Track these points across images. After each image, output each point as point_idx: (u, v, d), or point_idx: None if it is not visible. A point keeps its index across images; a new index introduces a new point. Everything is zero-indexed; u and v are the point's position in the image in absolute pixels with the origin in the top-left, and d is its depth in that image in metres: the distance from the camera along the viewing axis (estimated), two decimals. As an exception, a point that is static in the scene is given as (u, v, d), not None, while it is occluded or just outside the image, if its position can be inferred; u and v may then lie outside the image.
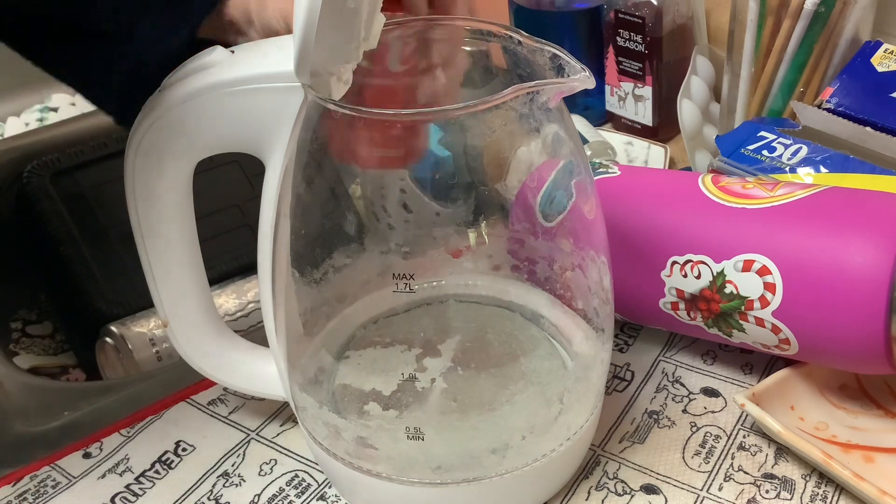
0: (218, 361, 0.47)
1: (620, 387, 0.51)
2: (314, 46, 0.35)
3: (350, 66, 0.39)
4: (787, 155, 0.57)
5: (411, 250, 0.45)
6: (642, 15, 0.72)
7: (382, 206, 0.46)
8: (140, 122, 0.41)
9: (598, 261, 0.43)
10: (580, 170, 0.42)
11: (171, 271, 0.44)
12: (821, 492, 0.44)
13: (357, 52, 0.38)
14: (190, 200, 0.43)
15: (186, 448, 0.49)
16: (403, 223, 0.47)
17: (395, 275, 0.40)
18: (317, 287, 0.45)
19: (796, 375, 0.48)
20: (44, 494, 0.47)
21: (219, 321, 0.47)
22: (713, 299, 0.47)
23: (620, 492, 0.45)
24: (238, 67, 0.40)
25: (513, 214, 0.46)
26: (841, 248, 0.43)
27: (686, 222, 0.48)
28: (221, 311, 0.64)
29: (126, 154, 0.41)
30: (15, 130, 0.95)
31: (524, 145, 0.42)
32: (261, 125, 0.40)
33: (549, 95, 0.38)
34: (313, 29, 0.35)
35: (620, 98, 0.78)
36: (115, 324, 0.63)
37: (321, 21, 0.34)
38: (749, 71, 0.66)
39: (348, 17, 0.36)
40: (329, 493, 0.46)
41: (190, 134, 0.41)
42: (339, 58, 0.37)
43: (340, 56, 0.37)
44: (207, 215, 0.66)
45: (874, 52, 0.61)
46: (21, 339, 0.72)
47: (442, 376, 0.43)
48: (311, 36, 0.35)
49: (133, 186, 0.42)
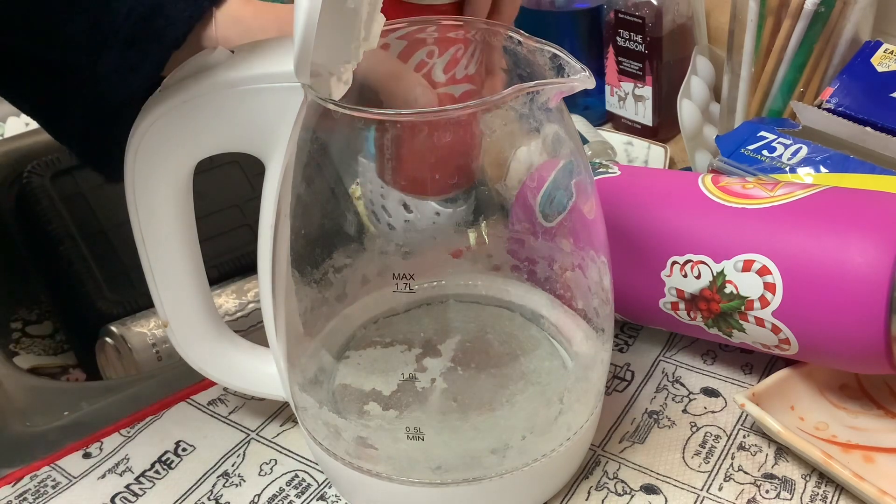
0: (218, 362, 0.47)
1: (620, 387, 0.51)
2: (314, 46, 0.35)
3: (350, 66, 0.39)
4: (787, 155, 0.57)
5: (411, 250, 0.45)
6: (642, 15, 0.72)
7: (382, 206, 0.46)
8: (140, 123, 0.40)
9: (597, 261, 0.43)
10: (580, 170, 0.42)
11: (171, 272, 0.44)
12: (821, 492, 0.44)
13: (357, 52, 0.38)
14: (190, 200, 0.43)
15: (186, 448, 0.49)
16: (403, 223, 0.47)
17: (395, 275, 0.40)
18: (317, 287, 0.45)
19: (796, 375, 0.48)
20: (44, 494, 0.47)
21: (219, 321, 0.47)
22: (713, 299, 0.47)
23: (620, 492, 0.45)
24: (238, 67, 0.40)
25: (513, 214, 0.46)
26: (841, 248, 0.43)
27: (686, 222, 0.48)
28: (221, 311, 0.64)
29: (126, 154, 0.41)
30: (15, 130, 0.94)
31: (524, 145, 0.42)
32: (261, 125, 0.40)
33: (549, 95, 0.38)
34: (313, 29, 0.35)
35: (620, 98, 0.78)
36: (116, 324, 0.63)
37: (321, 21, 0.34)
38: (749, 71, 0.66)
39: (348, 18, 0.36)
40: (329, 493, 0.46)
41: (190, 134, 0.41)
42: (339, 58, 0.37)
43: (340, 56, 0.37)
44: (207, 215, 0.66)
45: (874, 52, 0.61)
46: (21, 339, 0.72)
47: (442, 376, 0.43)
48: (311, 36, 0.35)
49: (133, 187, 0.42)
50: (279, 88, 0.39)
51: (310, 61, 0.36)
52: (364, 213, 0.45)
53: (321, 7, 0.34)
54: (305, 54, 0.35)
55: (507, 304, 0.48)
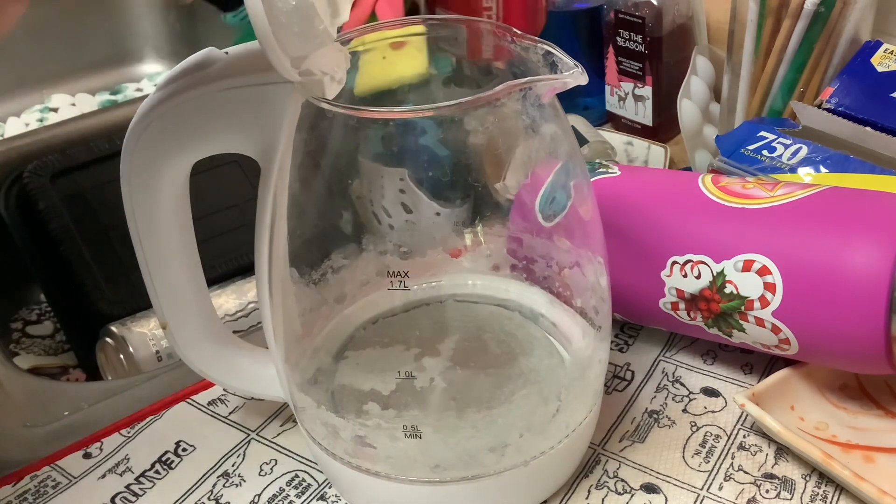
0: (217, 363, 0.47)
1: (620, 386, 0.51)
2: (277, 37, 0.35)
3: (343, 66, 0.39)
4: (787, 155, 0.57)
5: (410, 250, 0.45)
6: (642, 15, 0.72)
7: (382, 206, 0.46)
8: (135, 124, 0.40)
9: (595, 260, 0.43)
10: (576, 168, 0.42)
11: (170, 273, 0.44)
12: (821, 492, 0.44)
13: (330, 32, 0.37)
14: (187, 201, 0.43)
15: (186, 448, 0.49)
16: (403, 223, 0.47)
17: (390, 272, 0.40)
18: (315, 288, 0.45)
19: (796, 375, 0.48)
20: (44, 494, 0.47)
21: (217, 323, 0.47)
22: (713, 299, 0.47)
23: (620, 490, 0.45)
24: (233, 68, 0.40)
25: (512, 214, 0.46)
26: (841, 247, 0.43)
27: (686, 222, 0.48)
28: (221, 311, 0.64)
29: (122, 155, 0.41)
30: (15, 130, 0.94)
31: (520, 144, 0.42)
32: (256, 125, 0.40)
33: (541, 91, 0.38)
34: (266, 26, 0.34)
35: (620, 98, 0.78)
36: (116, 324, 0.63)
37: (272, 15, 0.34)
38: (749, 71, 0.66)
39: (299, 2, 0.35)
40: (329, 493, 0.46)
41: (185, 135, 0.41)
42: (311, 41, 0.36)
43: (312, 39, 0.36)
44: (207, 215, 0.66)
45: (874, 52, 0.61)
46: (21, 340, 0.72)
47: (440, 375, 0.43)
48: (268, 32, 0.34)
49: (130, 188, 0.42)
50: (274, 88, 0.39)
51: (281, 56, 0.35)
52: (362, 213, 0.45)
53: (262, 3, 0.34)
54: (271, 46, 0.35)
55: (505, 303, 0.48)
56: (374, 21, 0.78)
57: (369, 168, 0.44)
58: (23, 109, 0.99)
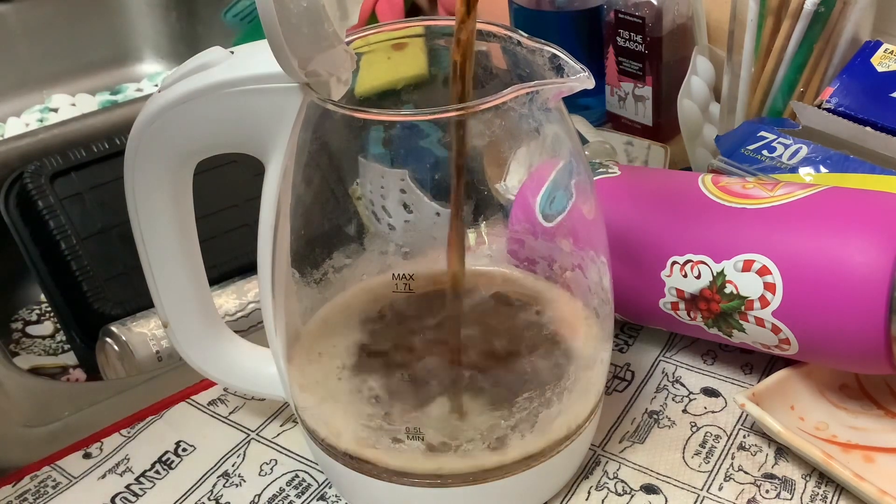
0: (218, 362, 0.47)
1: (620, 387, 0.51)
2: (286, 42, 0.35)
3: (349, 67, 0.39)
4: (787, 155, 0.57)
5: (411, 250, 0.45)
6: (642, 15, 0.72)
7: (383, 207, 0.46)
8: (139, 123, 0.40)
9: (597, 261, 0.43)
10: (580, 170, 0.42)
11: (171, 272, 0.44)
12: (821, 492, 0.44)
13: (339, 34, 0.37)
14: (189, 201, 0.43)
15: (186, 448, 0.49)
16: (403, 223, 0.47)
17: (395, 275, 0.40)
18: (317, 287, 0.45)
19: (796, 375, 0.48)
20: (44, 494, 0.47)
21: (219, 322, 0.47)
22: (713, 299, 0.47)
23: (620, 491, 0.45)
24: (237, 68, 0.40)
25: (513, 215, 0.46)
26: (841, 248, 0.43)
27: (686, 222, 0.48)
28: (221, 311, 0.64)
29: (126, 154, 0.41)
30: (15, 130, 0.94)
31: (524, 145, 0.42)
32: (260, 125, 0.40)
33: (548, 95, 0.38)
34: (276, 26, 0.34)
35: (620, 98, 0.78)
36: (116, 324, 0.63)
37: (282, 15, 0.34)
38: (749, 71, 0.66)
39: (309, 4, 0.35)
40: (329, 494, 0.46)
41: (189, 134, 0.41)
42: (319, 43, 0.36)
43: (321, 41, 0.36)
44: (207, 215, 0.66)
45: (874, 52, 0.61)
46: (21, 340, 0.72)
47: (443, 377, 0.43)
48: (278, 33, 0.34)
49: (132, 187, 0.42)
50: (279, 89, 0.39)
51: (289, 57, 0.35)
52: (364, 213, 0.45)
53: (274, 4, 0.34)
54: (280, 47, 0.35)
55: (506, 304, 0.48)
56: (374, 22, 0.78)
57: (371, 168, 0.44)
58: (23, 109, 0.99)
